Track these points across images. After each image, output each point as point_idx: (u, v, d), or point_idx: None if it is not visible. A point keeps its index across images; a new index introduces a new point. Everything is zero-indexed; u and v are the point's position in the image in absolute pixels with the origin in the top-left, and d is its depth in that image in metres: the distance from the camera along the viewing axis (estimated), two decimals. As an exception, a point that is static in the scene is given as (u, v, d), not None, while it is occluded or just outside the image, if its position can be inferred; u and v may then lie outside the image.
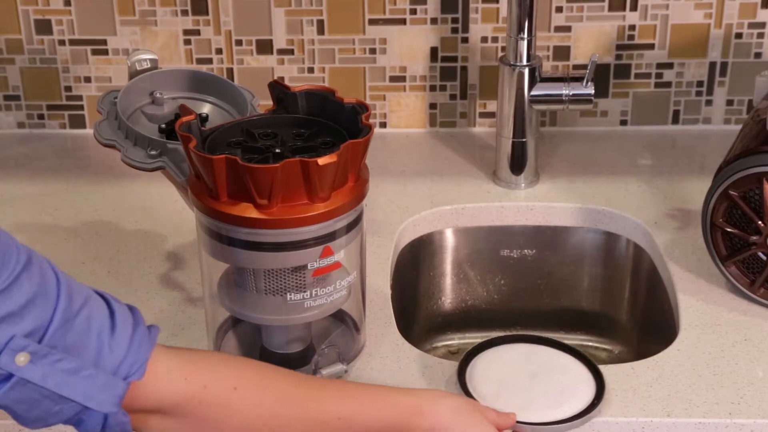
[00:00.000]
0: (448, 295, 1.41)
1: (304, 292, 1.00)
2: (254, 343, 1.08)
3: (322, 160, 0.94)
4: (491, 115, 1.53)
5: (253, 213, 0.96)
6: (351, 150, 0.97)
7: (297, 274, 1.00)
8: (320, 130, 1.02)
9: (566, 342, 1.12)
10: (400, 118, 1.53)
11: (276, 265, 0.99)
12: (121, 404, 0.82)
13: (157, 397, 0.84)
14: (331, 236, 0.99)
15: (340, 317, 1.09)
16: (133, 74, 1.13)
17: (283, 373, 0.91)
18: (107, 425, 0.83)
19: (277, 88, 1.05)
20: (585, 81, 1.32)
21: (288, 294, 1.00)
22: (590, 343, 1.41)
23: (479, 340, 1.42)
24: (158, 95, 1.13)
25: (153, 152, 1.07)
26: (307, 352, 1.06)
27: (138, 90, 1.13)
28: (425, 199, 1.38)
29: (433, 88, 1.51)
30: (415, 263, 1.36)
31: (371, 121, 1.11)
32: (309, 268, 0.99)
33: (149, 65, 1.14)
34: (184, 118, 0.99)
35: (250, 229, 0.97)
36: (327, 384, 0.93)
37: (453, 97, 1.52)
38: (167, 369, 0.85)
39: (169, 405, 0.85)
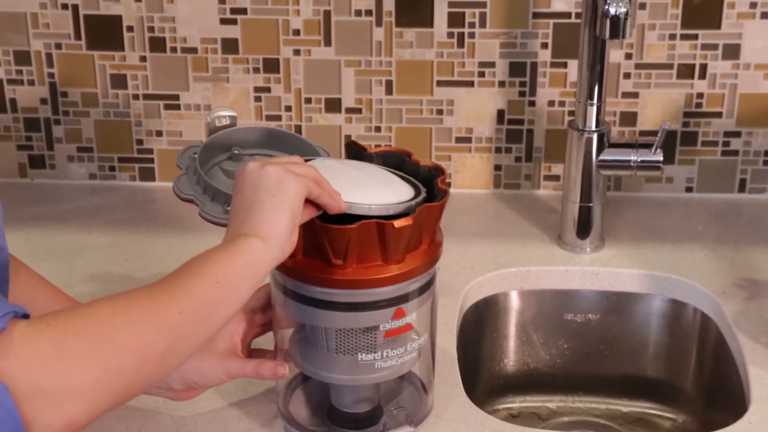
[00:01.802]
0: (510, 358, 1.40)
1: (375, 352, 1.01)
2: (323, 401, 1.08)
3: (398, 223, 0.95)
4: (556, 178, 1.53)
5: (327, 272, 0.97)
6: (426, 213, 0.98)
7: (368, 335, 1.00)
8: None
9: (628, 409, 1.13)
10: (465, 178, 1.54)
11: (348, 324, 1.00)
12: None
13: (26, 352, 0.76)
14: (403, 298, 0.99)
15: (408, 378, 1.09)
16: (213, 130, 1.15)
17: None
18: None
19: (354, 148, 1.07)
20: (654, 148, 1.33)
21: (359, 354, 1.01)
22: (654, 411, 1.40)
23: (540, 404, 1.43)
24: (236, 152, 1.15)
25: (230, 208, 1.08)
26: (375, 412, 1.07)
27: (217, 146, 1.15)
28: (490, 260, 1.38)
29: (498, 150, 1.52)
30: (479, 324, 1.36)
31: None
32: (381, 329, 1.00)
33: (228, 122, 1.16)
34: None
35: (324, 288, 0.98)
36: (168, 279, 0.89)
37: (518, 159, 1.53)
38: (29, 323, 0.78)
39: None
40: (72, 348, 0.77)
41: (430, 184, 1.02)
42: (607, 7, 1.20)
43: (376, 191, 0.98)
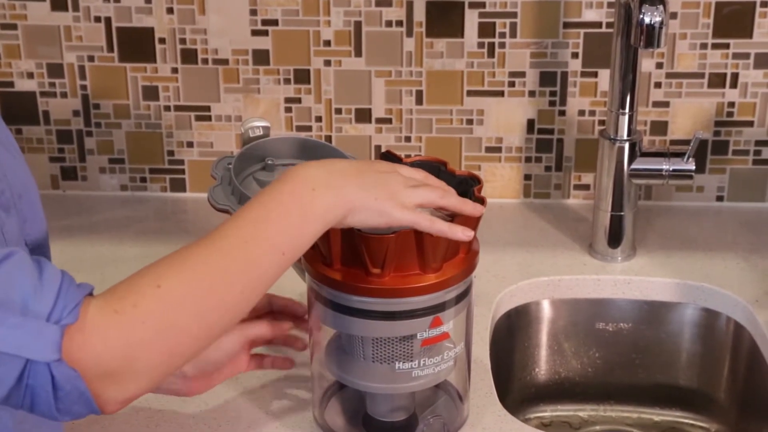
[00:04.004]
0: (542, 367, 1.40)
1: (412, 361, 1.01)
2: (358, 410, 1.08)
3: (436, 232, 0.95)
4: (586, 187, 1.53)
5: (365, 281, 0.97)
6: (464, 222, 0.98)
7: (405, 343, 1.01)
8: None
9: (660, 418, 1.13)
10: (495, 188, 1.55)
11: (386, 333, 1.00)
12: (61, 352, 0.79)
13: (96, 342, 0.81)
14: (440, 307, 1.00)
15: (443, 387, 1.10)
16: (246, 141, 1.16)
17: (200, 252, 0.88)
18: (57, 383, 0.80)
19: (389, 158, 1.07)
20: (686, 157, 1.33)
21: (396, 363, 1.01)
22: (686, 420, 1.39)
23: (572, 413, 1.42)
24: (270, 162, 1.15)
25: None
26: (411, 420, 1.07)
27: (250, 156, 1.15)
28: (521, 269, 1.39)
29: (528, 160, 1.53)
30: (510, 333, 1.36)
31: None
32: (418, 337, 1.00)
33: (262, 132, 1.16)
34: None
35: (362, 297, 0.98)
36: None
37: (548, 168, 1.53)
38: (98, 310, 0.82)
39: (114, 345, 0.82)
40: (139, 338, 0.82)
41: (465, 193, 1.03)
42: (642, 16, 1.20)
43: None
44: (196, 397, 1.13)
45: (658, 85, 1.47)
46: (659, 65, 1.46)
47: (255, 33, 1.47)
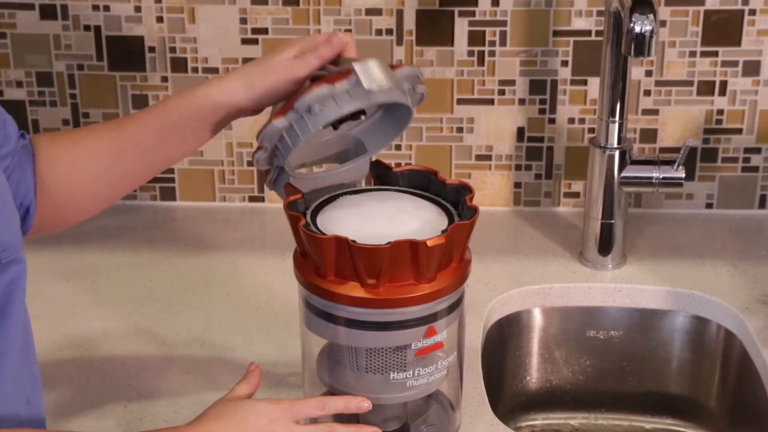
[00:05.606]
0: (533, 375, 1.41)
1: (406, 371, 1.01)
2: (350, 420, 1.08)
3: (431, 242, 0.95)
4: (575, 195, 1.54)
5: (359, 292, 0.97)
6: (457, 231, 0.98)
7: (399, 354, 1.01)
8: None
9: (651, 426, 1.13)
10: (485, 196, 1.55)
11: (380, 344, 1.00)
12: None
13: None
14: (434, 317, 1.00)
15: (435, 396, 1.09)
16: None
17: None
18: None
19: (380, 167, 1.07)
20: (676, 165, 1.33)
21: (390, 373, 1.01)
22: (677, 428, 1.40)
23: (563, 422, 1.43)
24: None
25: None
26: (403, 430, 1.07)
27: None
28: (512, 278, 1.39)
29: (518, 168, 1.53)
30: (502, 342, 1.37)
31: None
32: (412, 347, 1.00)
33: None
34: (291, 198, 1.01)
35: (356, 308, 0.98)
36: None
37: (538, 176, 1.53)
38: None
39: None
40: None
41: (456, 202, 1.03)
42: (632, 25, 1.20)
43: (413, 226, 0.99)
44: (187, 405, 1.13)
45: (647, 93, 1.47)
46: (648, 73, 1.47)
47: (245, 42, 1.47)
